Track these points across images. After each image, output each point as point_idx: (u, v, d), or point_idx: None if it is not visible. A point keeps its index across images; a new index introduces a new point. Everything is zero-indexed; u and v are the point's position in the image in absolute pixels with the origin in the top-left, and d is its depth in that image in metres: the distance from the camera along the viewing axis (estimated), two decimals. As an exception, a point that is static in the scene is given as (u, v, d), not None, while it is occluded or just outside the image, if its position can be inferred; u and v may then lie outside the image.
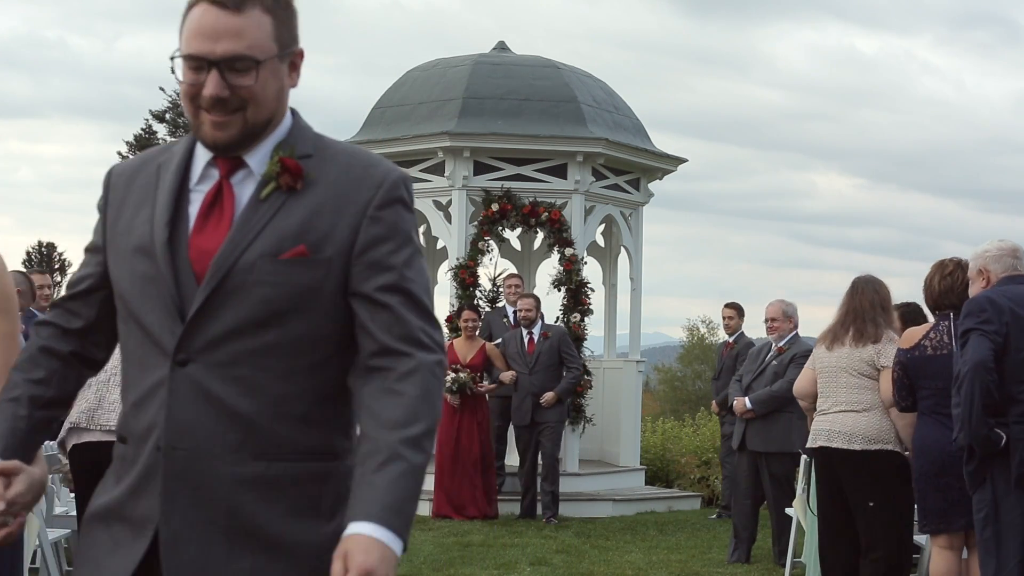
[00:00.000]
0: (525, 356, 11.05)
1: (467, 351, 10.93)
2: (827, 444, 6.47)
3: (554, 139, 12.81)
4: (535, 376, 10.97)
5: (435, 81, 13.51)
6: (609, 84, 14.41)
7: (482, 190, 12.76)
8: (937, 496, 5.86)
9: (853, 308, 6.58)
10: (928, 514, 5.92)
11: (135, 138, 46.07)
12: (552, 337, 11.17)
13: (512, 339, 11.19)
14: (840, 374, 6.51)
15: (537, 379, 10.96)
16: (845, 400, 6.46)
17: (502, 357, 11.04)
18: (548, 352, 11.04)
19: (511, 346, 11.15)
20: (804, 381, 6.82)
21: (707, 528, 11.22)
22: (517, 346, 11.09)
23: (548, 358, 11.04)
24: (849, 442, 6.38)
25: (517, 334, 11.20)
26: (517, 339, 11.15)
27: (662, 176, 14.06)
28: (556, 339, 11.21)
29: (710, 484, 15.06)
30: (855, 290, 6.60)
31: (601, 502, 12.35)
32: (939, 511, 5.85)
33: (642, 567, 8.86)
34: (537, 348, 11.07)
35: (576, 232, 12.82)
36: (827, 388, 6.57)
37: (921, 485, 5.96)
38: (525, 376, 10.98)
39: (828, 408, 6.54)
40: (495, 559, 8.89)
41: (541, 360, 11.04)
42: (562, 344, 11.24)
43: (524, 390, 10.99)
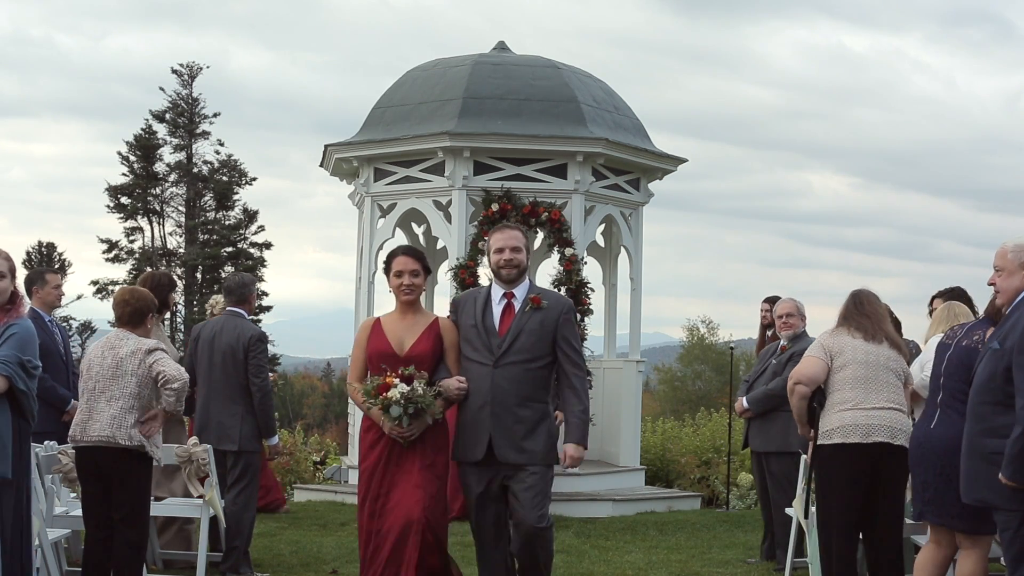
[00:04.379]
0: None
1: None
2: (863, 440, 6.42)
3: (554, 139, 12.80)
4: None
5: (435, 81, 13.51)
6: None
7: (482, 190, 12.76)
8: (933, 485, 5.89)
9: (876, 312, 6.66)
10: (944, 506, 5.90)
11: (135, 138, 46.08)
12: None
13: None
14: (888, 374, 6.55)
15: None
16: (896, 399, 6.54)
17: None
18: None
19: None
20: (815, 367, 6.66)
21: (707, 528, 11.22)
22: None
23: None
24: (893, 437, 6.40)
25: None
26: None
27: (662, 176, 14.05)
28: None
29: (710, 484, 15.06)
30: (871, 297, 6.74)
31: (601, 502, 12.35)
32: (964, 506, 5.83)
33: (642, 567, 8.86)
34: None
35: (576, 232, 12.82)
36: (869, 383, 6.52)
37: (922, 474, 5.97)
38: None
39: (871, 403, 6.48)
40: (495, 559, 8.87)
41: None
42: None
43: None
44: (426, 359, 6.15)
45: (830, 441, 6.49)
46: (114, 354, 6.53)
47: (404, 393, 5.91)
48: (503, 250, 6.25)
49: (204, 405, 8.26)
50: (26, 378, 5.77)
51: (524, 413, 6.10)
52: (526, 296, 6.21)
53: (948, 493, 5.84)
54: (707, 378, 45.57)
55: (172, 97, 46.18)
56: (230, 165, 46.82)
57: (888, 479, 6.42)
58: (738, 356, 26.75)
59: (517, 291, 6.25)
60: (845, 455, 6.46)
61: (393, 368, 6.06)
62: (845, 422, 6.46)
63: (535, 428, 6.12)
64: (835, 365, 6.60)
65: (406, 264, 6.25)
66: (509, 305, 6.22)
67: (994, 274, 5.58)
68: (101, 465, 6.47)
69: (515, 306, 6.20)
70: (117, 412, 6.40)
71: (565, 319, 6.19)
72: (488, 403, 6.10)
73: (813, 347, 6.78)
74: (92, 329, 46.55)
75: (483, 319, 6.18)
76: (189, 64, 46.52)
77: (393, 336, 6.22)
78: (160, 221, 46.38)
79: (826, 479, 6.58)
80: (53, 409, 8.06)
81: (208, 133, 46.60)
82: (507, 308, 6.22)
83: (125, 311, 6.70)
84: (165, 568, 8.22)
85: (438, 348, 6.22)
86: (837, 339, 6.65)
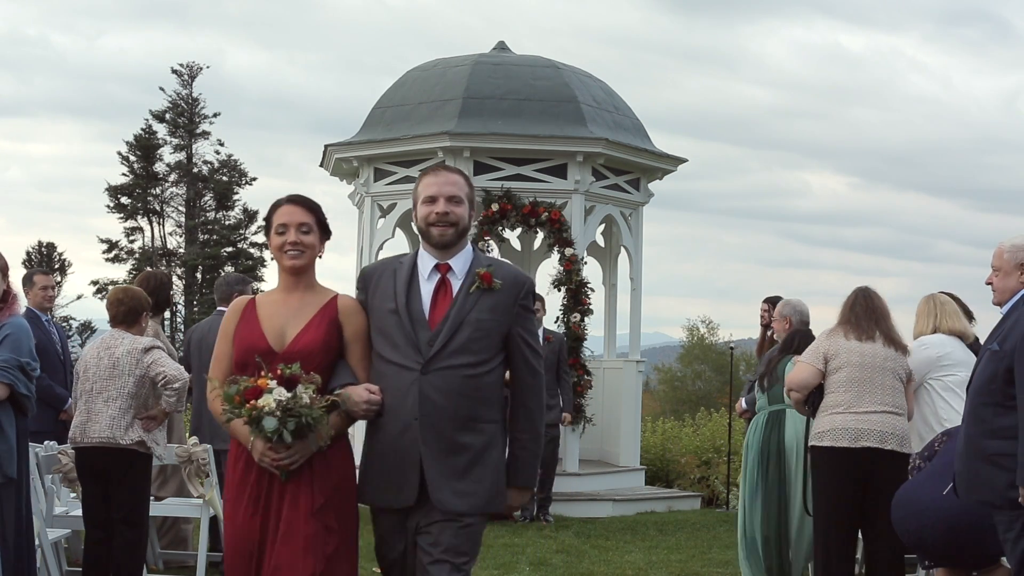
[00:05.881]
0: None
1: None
2: (852, 445, 6.40)
3: (554, 139, 12.81)
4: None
5: (435, 81, 13.51)
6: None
7: (482, 190, 12.76)
8: (942, 546, 5.90)
9: (874, 308, 6.64)
10: (956, 557, 5.93)
11: (135, 138, 46.10)
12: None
13: None
14: (885, 375, 6.51)
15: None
16: (892, 402, 6.49)
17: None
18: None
19: None
20: (805, 374, 6.67)
21: (707, 528, 11.22)
22: None
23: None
24: (882, 441, 6.38)
25: None
26: None
27: (662, 176, 14.06)
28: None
29: (710, 484, 15.06)
30: (870, 295, 6.70)
31: (601, 502, 12.35)
32: (956, 558, 5.83)
33: (642, 567, 8.86)
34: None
35: (576, 232, 12.82)
36: (863, 386, 6.49)
37: (928, 539, 5.95)
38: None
39: (863, 407, 6.45)
40: (495, 559, 8.88)
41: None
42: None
43: None
44: (315, 355, 4.17)
45: (821, 444, 6.51)
46: (110, 354, 6.52)
47: (282, 401, 3.96)
48: (435, 200, 4.26)
49: (197, 405, 8.28)
50: (27, 381, 5.76)
51: (466, 439, 4.16)
52: (470, 270, 4.27)
53: (964, 549, 5.86)
54: (707, 378, 45.56)
55: (172, 97, 46.24)
56: (230, 165, 46.87)
57: (882, 482, 6.42)
58: (738, 356, 26.75)
59: (455, 262, 4.28)
60: (835, 458, 6.46)
61: (272, 368, 4.09)
62: (836, 425, 6.47)
63: (480, 460, 4.19)
64: (831, 367, 6.59)
65: (292, 215, 4.30)
66: (443, 282, 4.27)
67: (991, 274, 5.58)
68: (101, 466, 6.47)
69: (452, 284, 4.26)
70: (116, 413, 6.40)
71: (523, 307, 4.31)
72: (414, 425, 4.13)
73: (807, 351, 6.79)
74: (92, 329, 46.54)
75: (407, 303, 4.21)
76: (189, 64, 46.60)
77: (271, 323, 4.25)
78: (160, 221, 46.43)
79: (818, 481, 6.60)
80: (50, 408, 8.06)
81: (208, 133, 46.66)
82: (441, 287, 4.26)
83: (119, 310, 6.70)
84: (165, 568, 8.22)
85: (335, 340, 4.24)
86: (833, 341, 6.64)
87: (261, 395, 3.99)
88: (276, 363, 4.09)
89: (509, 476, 4.29)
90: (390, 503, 4.22)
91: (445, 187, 4.30)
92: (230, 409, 4.05)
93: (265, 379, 4.03)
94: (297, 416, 3.97)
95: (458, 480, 4.16)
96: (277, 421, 3.97)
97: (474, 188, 4.38)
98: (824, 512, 6.54)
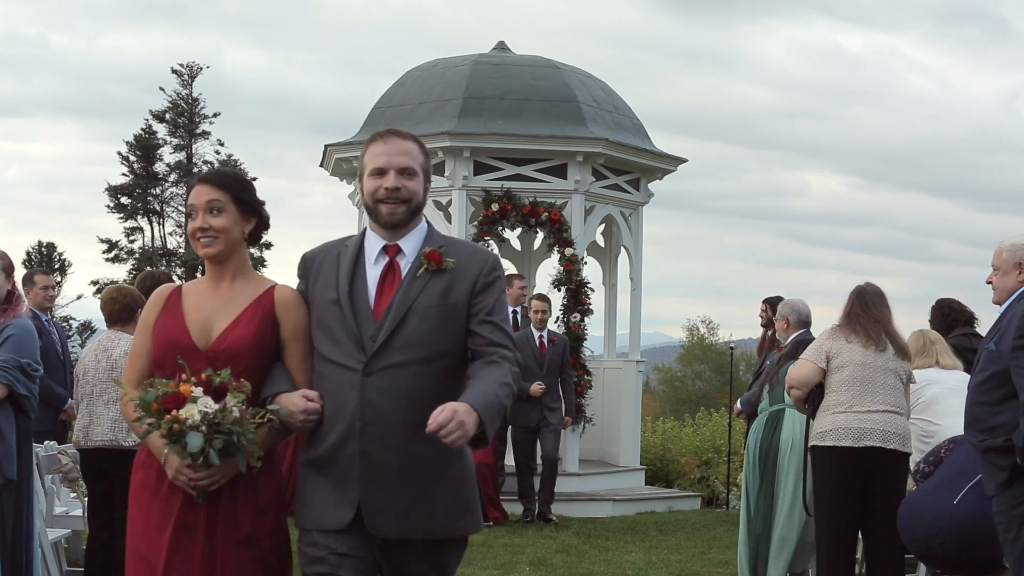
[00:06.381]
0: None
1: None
2: (855, 444, 6.40)
3: (554, 139, 12.81)
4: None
5: (435, 81, 13.51)
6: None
7: (482, 190, 12.76)
8: (954, 554, 5.92)
9: (879, 318, 6.66)
10: (947, 564, 5.96)
11: (135, 138, 46.11)
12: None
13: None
14: (886, 375, 6.52)
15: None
16: (893, 402, 6.50)
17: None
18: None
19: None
20: (806, 371, 6.65)
21: (707, 528, 11.22)
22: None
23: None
24: (885, 441, 6.39)
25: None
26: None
27: (662, 176, 14.07)
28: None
29: (710, 484, 15.08)
30: (872, 294, 6.71)
31: (601, 502, 12.35)
32: (964, 564, 5.85)
33: (642, 567, 8.85)
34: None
35: (576, 232, 12.82)
36: (865, 385, 6.49)
37: (938, 548, 5.98)
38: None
39: (865, 406, 6.45)
40: (495, 559, 8.88)
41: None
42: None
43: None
44: (244, 355, 3.55)
45: (823, 443, 6.51)
46: (108, 356, 6.52)
47: (209, 414, 3.31)
48: (384, 172, 3.59)
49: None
50: (27, 381, 5.74)
51: (419, 451, 3.46)
52: (420, 250, 3.61)
53: (973, 558, 5.88)
54: (707, 378, 45.54)
55: (172, 97, 46.25)
56: (230, 165, 46.87)
57: (883, 482, 6.42)
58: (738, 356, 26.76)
59: (405, 243, 3.63)
60: (837, 458, 6.45)
61: (195, 369, 3.44)
62: (838, 425, 6.47)
63: (438, 475, 3.52)
64: (832, 366, 6.60)
65: (199, 196, 3.62)
66: (392, 266, 3.61)
67: (991, 273, 5.60)
68: (105, 466, 6.48)
69: (401, 268, 3.61)
70: (117, 415, 6.40)
71: (486, 285, 3.60)
72: (355, 434, 3.47)
73: (809, 349, 6.79)
74: (92, 329, 46.50)
75: (349, 290, 3.57)
76: (189, 64, 46.57)
77: (196, 315, 3.61)
78: (160, 221, 46.42)
79: (820, 480, 6.60)
80: (50, 408, 8.06)
81: (208, 133, 46.66)
82: (389, 271, 3.61)
83: (114, 308, 6.69)
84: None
85: (268, 338, 3.60)
86: (835, 342, 6.65)
87: (183, 404, 3.33)
88: (200, 362, 3.48)
89: (463, 395, 3.38)
90: (322, 524, 3.54)
91: (396, 157, 3.59)
92: (147, 419, 3.37)
93: (188, 385, 3.36)
94: (226, 434, 3.32)
95: (412, 502, 3.48)
96: (202, 438, 3.29)
97: (429, 157, 3.72)
98: (825, 512, 6.53)
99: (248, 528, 3.52)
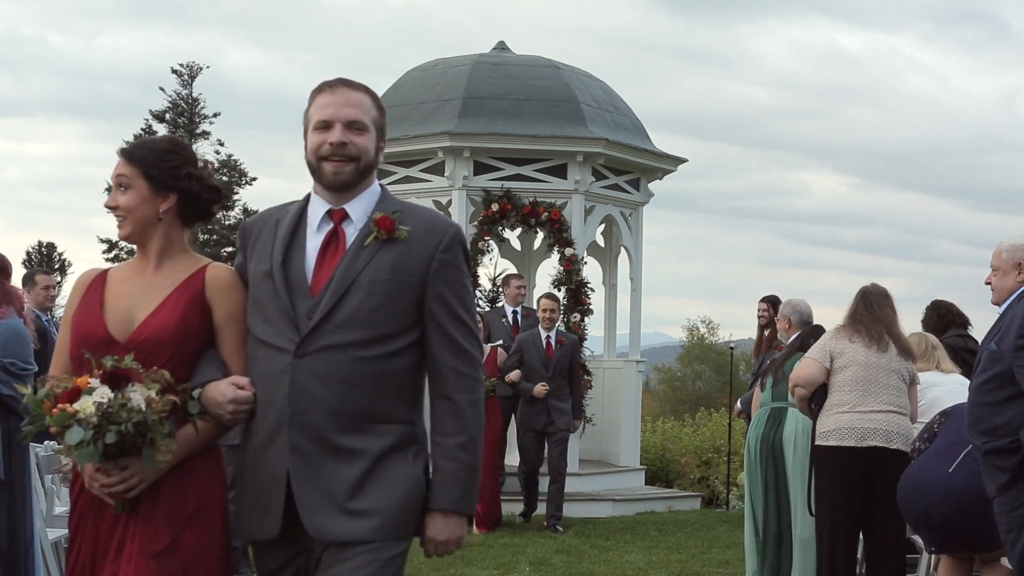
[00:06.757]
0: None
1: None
2: (858, 444, 6.40)
3: (554, 139, 12.82)
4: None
5: (435, 81, 13.52)
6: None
7: (482, 190, 12.77)
8: (953, 526, 5.92)
9: (882, 318, 6.66)
10: (964, 537, 5.96)
11: (135, 139, 46.12)
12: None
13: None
14: (889, 376, 6.52)
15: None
16: (896, 402, 6.50)
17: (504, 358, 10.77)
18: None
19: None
20: (812, 370, 6.63)
21: (707, 528, 11.22)
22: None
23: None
24: (888, 441, 6.39)
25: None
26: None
27: (662, 176, 14.07)
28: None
29: (710, 484, 15.09)
30: (876, 296, 6.71)
31: (601, 502, 12.35)
32: (963, 538, 5.86)
33: (642, 567, 8.86)
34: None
35: (576, 232, 12.83)
36: (868, 385, 6.50)
37: (936, 517, 5.98)
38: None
39: (869, 406, 6.45)
40: (495, 559, 8.89)
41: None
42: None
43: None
44: (167, 344, 3.11)
45: (826, 443, 6.51)
46: None
47: (103, 404, 2.87)
48: (330, 125, 3.13)
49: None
50: (10, 380, 5.69)
51: (357, 444, 3.05)
52: (370, 217, 3.15)
53: (970, 530, 5.88)
54: (707, 378, 45.55)
55: (172, 97, 46.26)
56: (230, 165, 46.89)
57: (886, 482, 6.42)
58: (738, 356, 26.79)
59: (353, 207, 3.16)
60: (840, 457, 6.45)
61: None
62: (841, 424, 6.47)
63: (379, 471, 3.06)
64: (836, 366, 6.60)
65: (114, 170, 3.23)
66: (336, 234, 3.15)
67: (990, 274, 5.61)
68: None
69: (346, 235, 3.15)
70: None
71: (445, 261, 3.14)
72: (284, 426, 3.05)
73: (813, 348, 6.78)
74: (92, 329, 46.48)
75: (284, 262, 3.13)
76: (189, 64, 46.59)
77: (117, 303, 3.19)
78: (160, 221, 46.44)
79: (823, 480, 6.60)
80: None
81: (208, 133, 46.68)
82: (332, 240, 3.15)
83: None
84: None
85: (196, 324, 3.16)
86: (838, 341, 6.65)
87: (78, 396, 2.91)
88: (121, 357, 3.01)
89: (431, 496, 3.09)
90: (254, 532, 3.13)
91: (343, 109, 3.13)
92: (32, 414, 2.95)
93: (86, 377, 2.96)
94: (120, 423, 2.85)
95: (348, 498, 3.03)
96: (86, 432, 2.85)
97: (385, 111, 3.25)
98: (827, 511, 6.53)
99: (168, 538, 3.03)
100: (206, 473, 3.14)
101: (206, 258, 3.29)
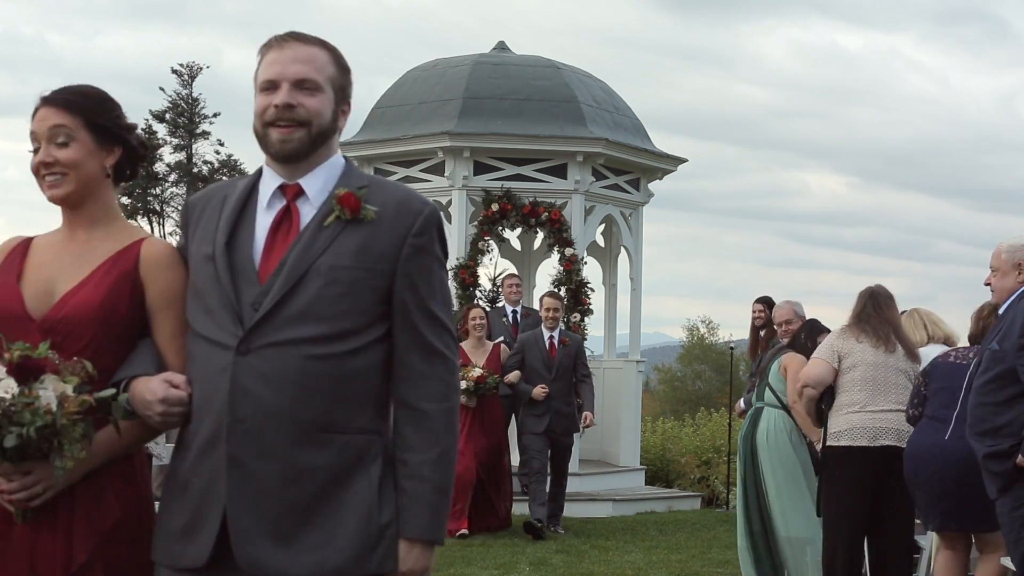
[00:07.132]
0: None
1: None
2: (871, 444, 6.39)
3: (554, 139, 12.82)
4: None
5: (435, 81, 13.52)
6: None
7: (482, 190, 12.77)
8: (954, 496, 5.92)
9: (889, 319, 6.66)
10: (964, 513, 5.96)
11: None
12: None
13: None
14: (898, 375, 6.52)
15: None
16: (904, 401, 6.47)
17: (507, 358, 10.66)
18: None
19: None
20: (821, 370, 6.60)
21: (707, 528, 11.22)
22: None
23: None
24: (900, 440, 6.37)
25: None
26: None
27: (662, 176, 14.08)
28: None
29: (710, 484, 15.09)
30: (881, 297, 6.72)
31: (601, 502, 12.35)
32: (964, 511, 5.87)
33: (642, 567, 8.85)
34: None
35: (576, 232, 12.83)
36: (878, 385, 6.49)
37: (937, 486, 5.99)
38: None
39: (879, 406, 6.44)
40: (495, 559, 8.88)
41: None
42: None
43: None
44: (88, 326, 2.67)
45: (838, 443, 6.47)
46: None
47: (4, 400, 2.47)
48: (276, 85, 2.66)
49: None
50: None
51: (310, 460, 2.56)
52: (332, 193, 2.67)
53: (970, 500, 5.87)
54: (707, 378, 45.54)
55: (172, 97, 46.29)
56: (230, 165, 46.90)
57: (897, 481, 6.41)
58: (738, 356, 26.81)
59: (309, 182, 2.69)
60: (853, 458, 6.42)
61: (33, 344, 2.58)
62: (853, 424, 6.45)
63: (334, 494, 2.57)
64: (844, 366, 6.58)
65: (42, 121, 2.73)
66: (289, 213, 2.69)
67: (990, 274, 5.61)
68: None
69: (301, 214, 2.68)
70: None
71: (418, 246, 2.66)
72: (222, 434, 2.57)
73: (821, 348, 6.75)
74: (92, 329, 46.58)
75: (228, 244, 2.67)
76: (189, 64, 46.59)
77: (37, 275, 2.75)
78: (160, 221, 46.44)
79: (833, 481, 6.55)
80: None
81: (208, 133, 46.70)
82: (284, 219, 2.68)
83: None
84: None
85: (125, 305, 2.71)
86: (846, 341, 6.63)
87: None
88: (34, 336, 2.60)
89: (402, 522, 2.61)
90: (176, 561, 2.61)
91: (291, 66, 2.64)
92: None
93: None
94: (23, 424, 2.44)
95: (292, 525, 2.54)
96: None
97: (350, 72, 2.76)
98: (836, 512, 6.50)
99: (82, 557, 2.60)
100: (131, 479, 2.72)
101: (144, 230, 2.88)
